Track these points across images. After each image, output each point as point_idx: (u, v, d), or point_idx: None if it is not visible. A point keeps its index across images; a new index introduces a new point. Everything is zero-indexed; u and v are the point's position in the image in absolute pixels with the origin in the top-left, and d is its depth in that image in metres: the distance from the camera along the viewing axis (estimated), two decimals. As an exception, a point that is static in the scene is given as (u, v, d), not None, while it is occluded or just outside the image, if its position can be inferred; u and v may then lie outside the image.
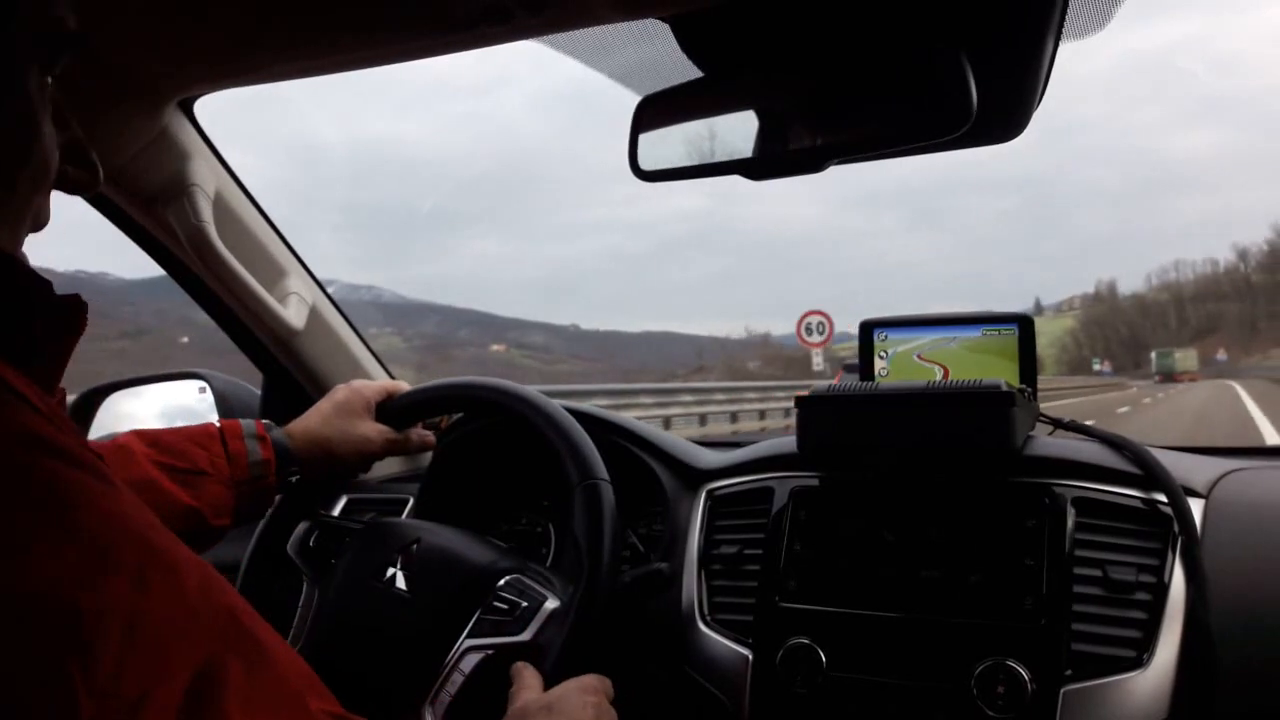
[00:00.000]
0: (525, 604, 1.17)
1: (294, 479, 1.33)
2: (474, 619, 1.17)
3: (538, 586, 1.21)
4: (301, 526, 1.39)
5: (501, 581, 1.20)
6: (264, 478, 1.28)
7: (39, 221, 0.72)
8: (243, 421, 1.31)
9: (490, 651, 1.15)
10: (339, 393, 1.41)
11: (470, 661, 1.14)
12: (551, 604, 1.18)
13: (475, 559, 1.24)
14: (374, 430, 1.39)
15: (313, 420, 1.37)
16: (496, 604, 1.18)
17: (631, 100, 1.08)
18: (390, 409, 1.42)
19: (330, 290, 1.77)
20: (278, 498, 1.38)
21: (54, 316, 0.68)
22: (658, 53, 1.06)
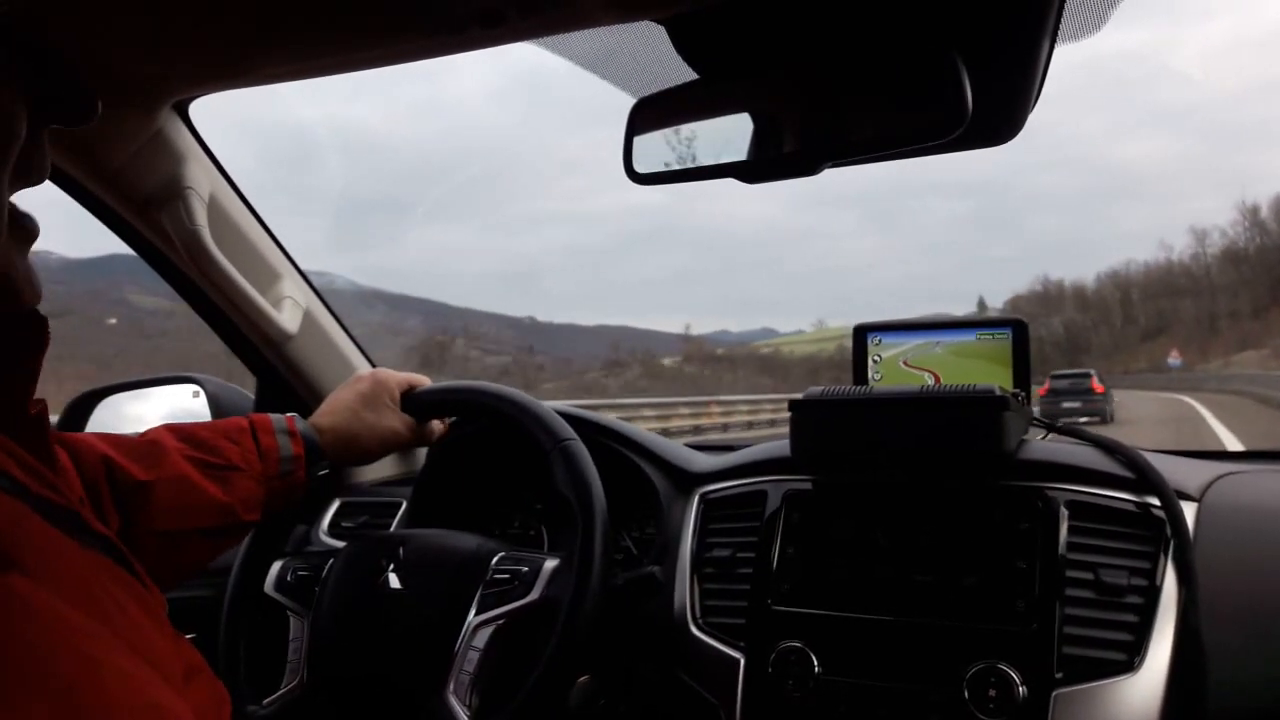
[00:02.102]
0: (525, 569, 1.22)
1: (324, 472, 1.34)
2: (477, 597, 1.21)
3: (533, 554, 1.25)
4: (276, 565, 1.39)
5: (495, 559, 1.24)
6: (294, 473, 1.28)
7: (24, 235, 0.68)
8: (273, 416, 1.31)
9: (501, 621, 1.19)
10: (362, 383, 1.42)
11: (483, 636, 1.19)
12: (552, 562, 1.23)
13: (464, 546, 1.27)
14: (401, 423, 1.42)
15: (341, 415, 1.38)
16: (497, 577, 1.22)
17: (625, 102, 1.08)
18: (417, 402, 1.44)
19: None
20: (246, 541, 1.40)
21: (15, 336, 0.66)
22: (652, 55, 1.06)
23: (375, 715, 1.22)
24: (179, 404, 1.81)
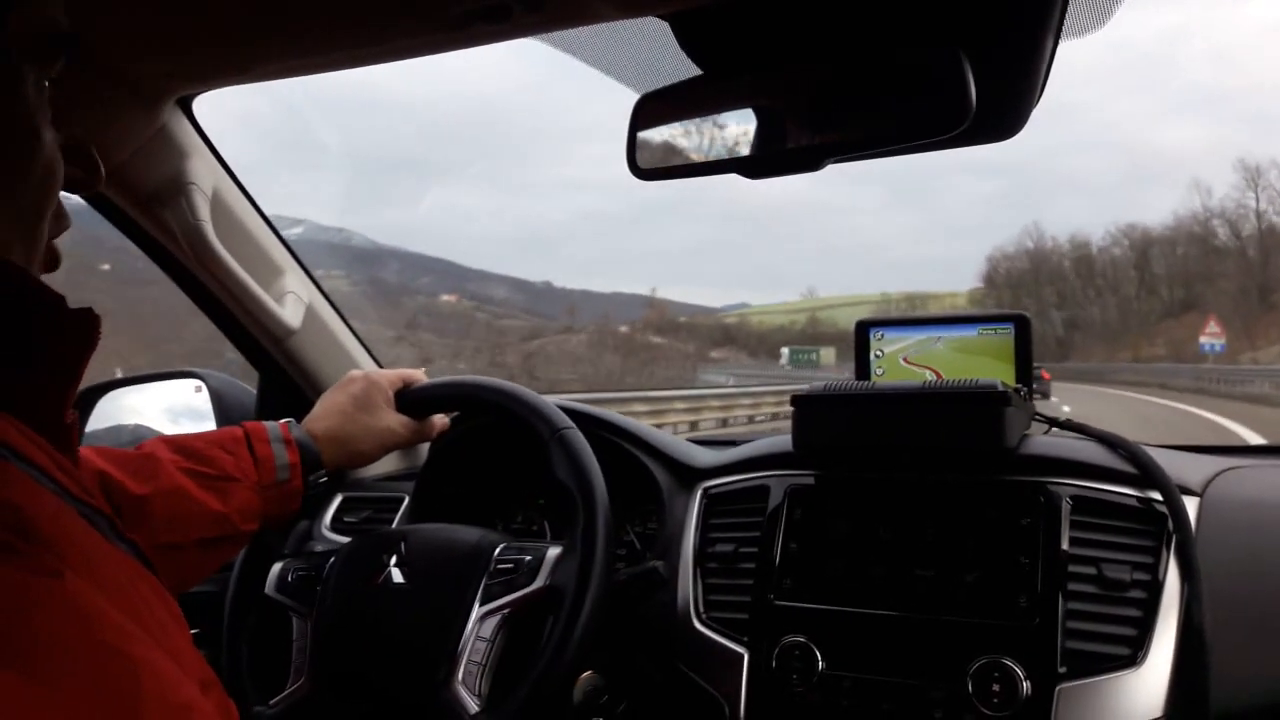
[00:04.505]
0: (529, 558, 1.23)
1: (322, 479, 1.34)
2: (481, 588, 1.21)
3: (535, 543, 1.26)
4: (277, 566, 1.39)
5: (498, 550, 1.24)
6: (290, 481, 1.29)
7: (61, 225, 0.71)
8: (267, 425, 1.31)
9: (507, 610, 1.20)
10: (355, 384, 1.42)
11: (489, 625, 1.19)
12: (555, 550, 1.23)
13: (466, 538, 1.28)
14: (397, 422, 1.42)
15: (335, 419, 1.38)
16: (500, 567, 1.23)
17: (630, 98, 1.08)
18: (411, 399, 1.45)
19: (298, 231, 1.75)
20: (234, 577, 1.40)
21: (65, 333, 0.66)
22: (656, 51, 1.07)
23: (383, 710, 1.22)
24: (181, 399, 1.82)
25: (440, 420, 1.52)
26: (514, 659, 1.19)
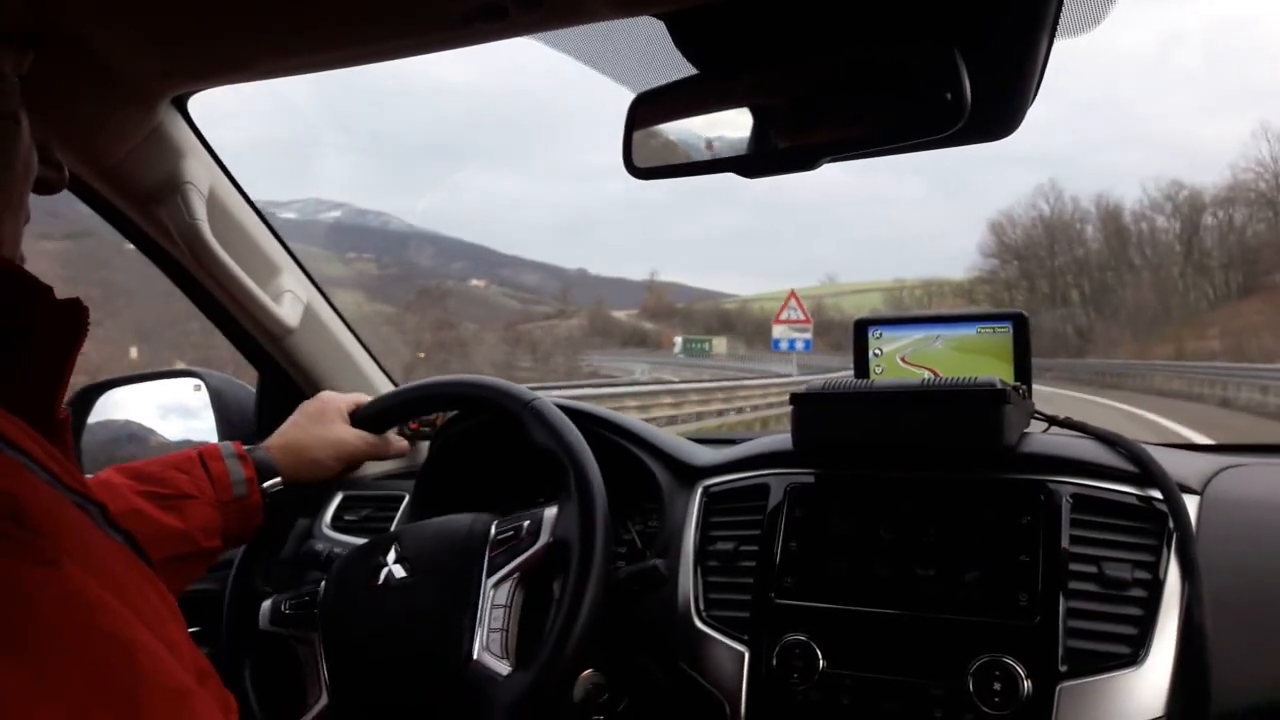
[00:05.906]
0: (527, 522, 1.25)
1: (277, 489, 1.35)
2: (485, 562, 1.23)
3: (530, 510, 1.28)
4: (266, 604, 1.38)
5: (493, 525, 1.27)
6: (248, 495, 1.30)
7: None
8: (220, 444, 1.34)
9: (517, 573, 1.22)
10: (309, 404, 1.45)
11: (502, 592, 1.21)
12: (551, 509, 1.25)
13: (459, 524, 1.30)
14: (349, 434, 1.43)
15: (289, 431, 1.41)
16: (500, 538, 1.25)
17: (626, 97, 1.08)
18: (362, 416, 1.46)
19: (337, 214, 1.74)
20: (231, 575, 1.41)
21: (55, 325, 0.66)
22: (652, 50, 1.06)
23: (411, 702, 1.22)
24: (180, 398, 1.82)
25: (399, 442, 1.54)
26: (536, 618, 1.21)
